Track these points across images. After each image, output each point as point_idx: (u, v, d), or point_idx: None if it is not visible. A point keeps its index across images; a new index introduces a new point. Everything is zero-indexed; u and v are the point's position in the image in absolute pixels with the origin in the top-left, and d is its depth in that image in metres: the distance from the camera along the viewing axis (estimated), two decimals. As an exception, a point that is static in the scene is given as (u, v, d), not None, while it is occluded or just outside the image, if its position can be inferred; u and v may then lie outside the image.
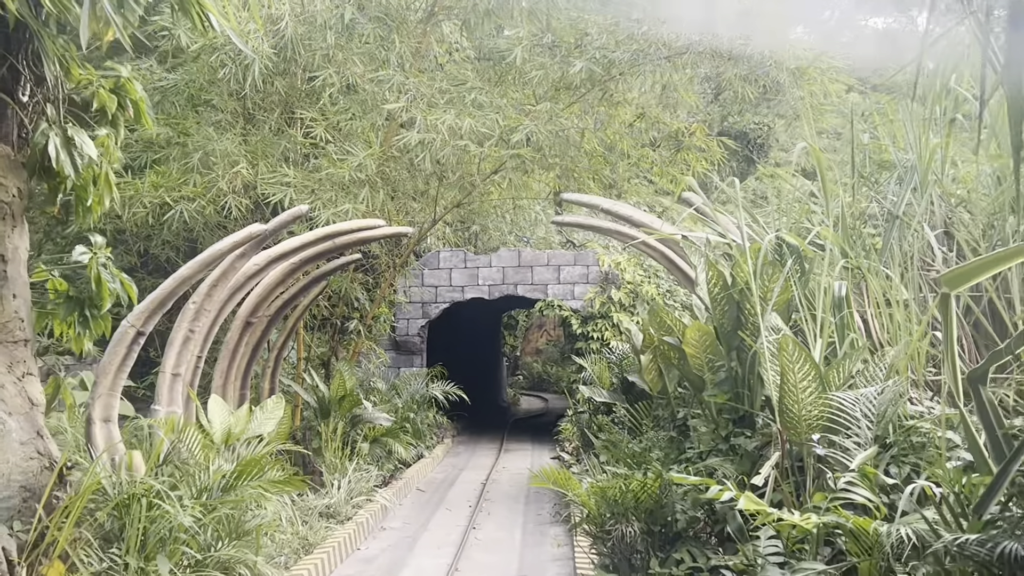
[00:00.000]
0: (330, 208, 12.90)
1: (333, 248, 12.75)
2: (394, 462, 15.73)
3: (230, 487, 7.31)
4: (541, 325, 44.68)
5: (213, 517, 7.16)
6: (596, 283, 22.06)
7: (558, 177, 16.09)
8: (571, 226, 13.09)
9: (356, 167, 13.17)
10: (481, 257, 22.80)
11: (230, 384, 13.03)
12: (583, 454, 14.65)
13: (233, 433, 10.48)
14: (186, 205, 13.24)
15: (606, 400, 14.64)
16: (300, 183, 13.16)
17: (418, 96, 13.44)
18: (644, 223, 11.08)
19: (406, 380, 19.61)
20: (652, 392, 9.81)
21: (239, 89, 13.81)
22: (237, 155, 13.44)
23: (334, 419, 14.63)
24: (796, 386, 6.87)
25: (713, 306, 8.09)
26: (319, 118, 13.78)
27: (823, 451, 6.49)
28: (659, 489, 7.96)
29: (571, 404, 19.81)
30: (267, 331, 13.86)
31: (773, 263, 7.56)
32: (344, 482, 13.00)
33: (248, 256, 11.25)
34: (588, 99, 14.99)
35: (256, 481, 7.43)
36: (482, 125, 13.04)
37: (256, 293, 12.80)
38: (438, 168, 15.67)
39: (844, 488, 5.84)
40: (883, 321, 8.44)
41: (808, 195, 13.43)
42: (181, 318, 10.91)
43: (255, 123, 14.64)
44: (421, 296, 22.43)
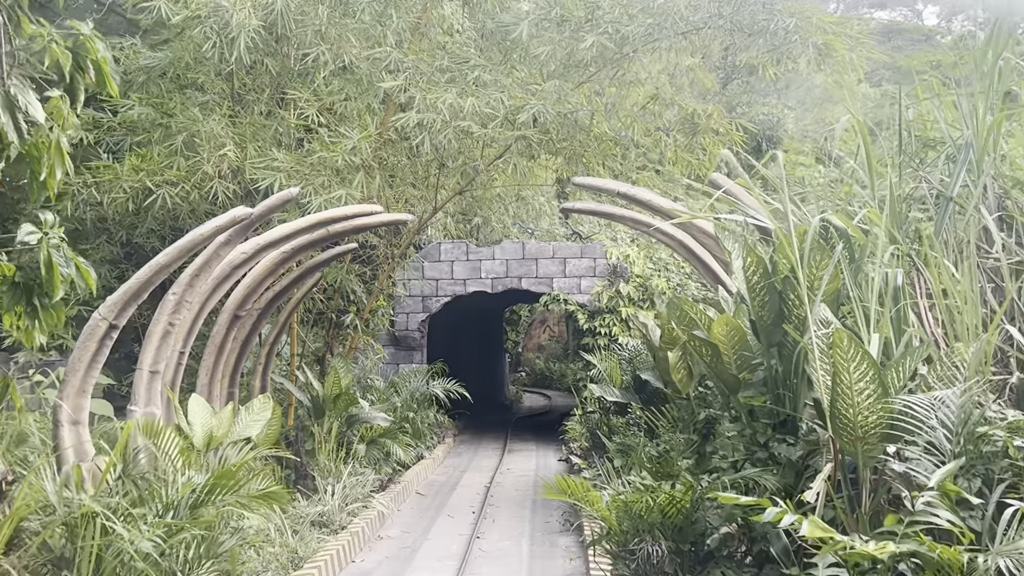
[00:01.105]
0: (323, 194, 12.00)
1: (327, 236, 11.87)
2: (392, 464, 14.84)
3: (202, 502, 6.40)
4: (544, 321, 43.83)
5: (180, 539, 6.21)
6: (604, 276, 21.16)
7: (565, 162, 15.19)
8: (582, 212, 12.25)
9: (350, 151, 12.26)
10: (484, 249, 21.89)
11: (216, 382, 12.15)
12: (594, 457, 13.77)
13: (215, 436, 9.59)
14: (169, 190, 12.37)
15: (618, 400, 13.76)
16: (291, 167, 12.26)
17: (416, 74, 12.53)
18: (665, 209, 10.19)
19: (405, 377, 18.70)
20: (682, 393, 8.93)
21: (226, 68, 12.91)
22: (224, 137, 12.54)
23: (329, 419, 13.74)
24: (851, 388, 5.98)
25: (751, 296, 7.18)
26: (311, 99, 12.85)
27: (902, 467, 5.59)
28: (690, 503, 7.08)
29: (578, 403, 18.93)
30: (257, 325, 12.98)
31: (821, 248, 6.66)
32: (339, 487, 12.10)
33: (234, 243, 10.36)
34: (599, 79, 14.08)
35: (233, 495, 6.51)
36: (485, 105, 12.14)
37: (244, 284, 11.91)
38: (438, 153, 14.80)
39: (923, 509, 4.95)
40: (938, 314, 7.55)
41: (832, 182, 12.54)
42: (160, 311, 10.02)
43: (244, 104, 13.74)
44: (421, 289, 21.52)
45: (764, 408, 7.40)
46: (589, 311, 20.90)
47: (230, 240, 10.25)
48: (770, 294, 7.06)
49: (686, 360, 8.30)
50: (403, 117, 12.10)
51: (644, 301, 20.53)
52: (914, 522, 4.99)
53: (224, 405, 12.18)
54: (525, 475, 16.77)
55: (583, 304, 21.06)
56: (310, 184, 12.05)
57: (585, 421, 15.72)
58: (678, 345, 8.30)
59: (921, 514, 4.99)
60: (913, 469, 5.58)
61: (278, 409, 11.77)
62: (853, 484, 6.40)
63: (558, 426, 21.16)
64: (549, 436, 21.88)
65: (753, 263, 7.06)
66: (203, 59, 13.00)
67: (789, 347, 7.12)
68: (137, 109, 12.95)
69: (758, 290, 7.11)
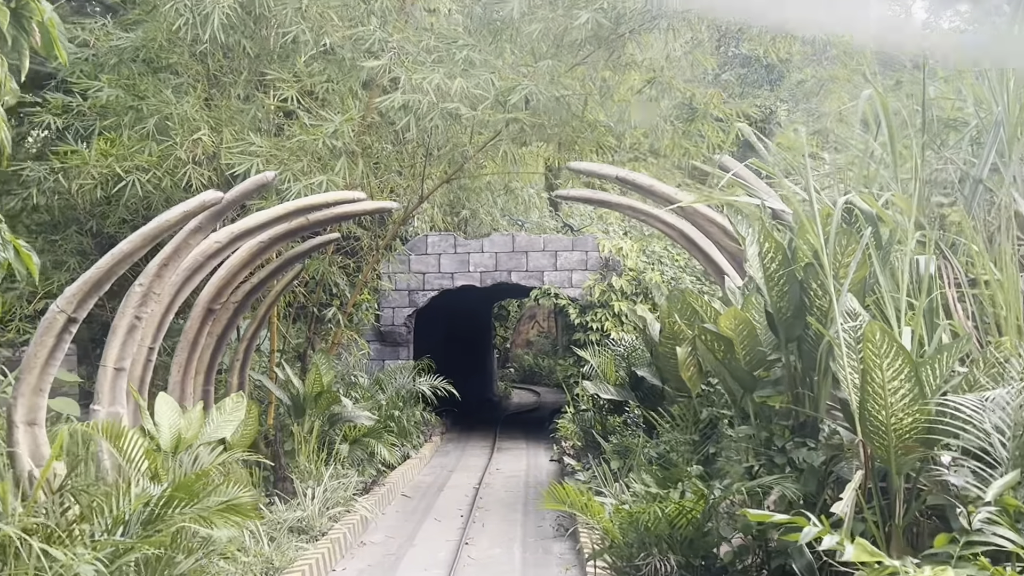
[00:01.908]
0: (303, 180, 11.30)
1: (308, 225, 11.20)
2: (376, 465, 14.18)
3: (157, 517, 5.72)
4: (532, 316, 43.17)
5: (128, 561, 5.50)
6: (596, 270, 20.50)
7: (557, 149, 14.56)
8: (576, 200, 11.63)
9: (332, 134, 11.57)
10: (472, 242, 21.20)
11: (190, 380, 11.46)
12: (588, 458, 13.11)
13: (184, 438, 8.91)
14: (139, 176, 11.65)
15: (613, 397, 13.11)
16: (268, 153, 11.58)
17: (402, 54, 11.85)
18: (667, 195, 9.54)
19: (391, 374, 18.02)
20: (687, 391, 8.26)
21: (201, 48, 12.26)
22: (198, 121, 11.84)
23: (310, 418, 13.08)
24: (884, 387, 5.35)
25: (768, 286, 6.53)
26: (291, 80, 12.15)
27: (960, 480, 4.96)
28: (701, 513, 6.45)
29: (569, 400, 18.29)
30: (234, 320, 12.30)
31: (847, 232, 6.01)
32: (319, 490, 11.44)
33: (205, 231, 9.67)
34: (593, 61, 13.41)
35: (193, 507, 5.84)
36: (475, 86, 11.46)
37: (219, 276, 11.23)
38: (425, 139, 14.15)
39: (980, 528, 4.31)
40: (968, 306, 6.93)
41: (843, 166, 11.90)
42: (125, 303, 9.33)
43: (221, 87, 13.04)
44: (407, 283, 20.81)
45: (781, 408, 6.76)
46: (580, 305, 20.24)
47: (201, 227, 9.56)
48: (790, 283, 6.42)
49: (696, 356, 7.66)
50: (387, 98, 11.42)
51: (637, 295, 19.89)
52: (971, 542, 4.35)
53: (199, 404, 11.53)
54: (515, 475, 16.13)
55: (574, 298, 20.40)
56: (289, 170, 11.37)
57: (578, 420, 15.06)
58: (687, 340, 7.66)
59: (978, 533, 4.35)
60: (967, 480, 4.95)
61: (254, 408, 11.12)
62: (883, 494, 5.77)
63: (548, 423, 20.56)
64: (539, 434, 21.24)
65: (771, 249, 6.40)
66: (177, 40, 12.32)
67: (810, 342, 6.47)
68: (107, 91, 12.22)
69: (776, 279, 6.46)
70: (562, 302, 20.41)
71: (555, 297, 20.47)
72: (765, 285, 6.59)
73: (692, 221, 9.99)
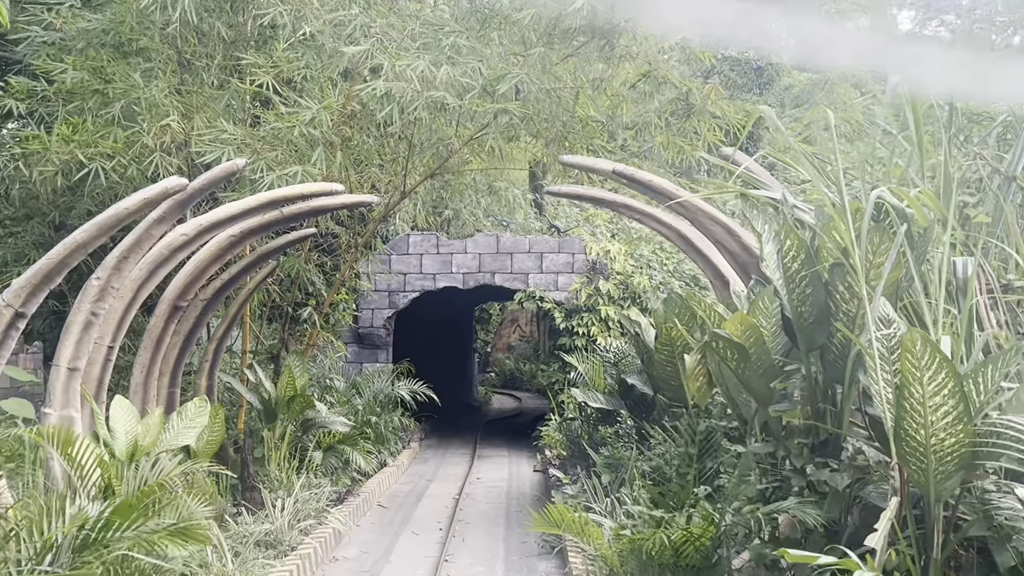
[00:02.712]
0: (276, 171, 10.60)
1: (282, 219, 10.54)
2: (351, 473, 13.48)
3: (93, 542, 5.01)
4: (514, 320, 42.47)
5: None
6: (582, 273, 19.84)
7: (546, 145, 13.88)
8: (567, 197, 11.00)
9: (308, 122, 10.89)
10: (455, 242, 20.51)
11: (153, 381, 10.76)
12: (576, 470, 12.46)
13: (141, 445, 8.20)
14: (103, 163, 10.91)
15: (602, 406, 12.46)
16: (241, 141, 10.87)
17: (385, 40, 11.18)
18: (668, 191, 8.92)
19: (368, 378, 17.30)
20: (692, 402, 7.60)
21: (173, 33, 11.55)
22: (167, 107, 11.13)
23: (281, 423, 12.38)
24: (924, 403, 4.72)
25: (788, 289, 5.87)
26: (266, 65, 11.44)
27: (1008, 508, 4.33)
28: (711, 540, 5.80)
29: (554, 407, 17.65)
30: (203, 318, 11.62)
31: (881, 230, 5.37)
32: (289, 501, 10.74)
33: (168, 221, 8.99)
34: (586, 52, 12.77)
35: (138, 530, 5.13)
36: (462, 74, 10.80)
37: (186, 271, 10.54)
38: (408, 131, 13.49)
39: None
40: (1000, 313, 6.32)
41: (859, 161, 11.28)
42: (81, 298, 8.65)
43: (193, 72, 12.33)
44: (387, 284, 20.10)
45: (799, 425, 6.10)
46: (566, 309, 19.57)
47: (165, 217, 8.88)
48: (813, 285, 5.76)
49: (705, 365, 7.02)
50: (369, 86, 10.73)
51: (625, 299, 19.26)
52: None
53: (163, 406, 10.83)
54: (497, 485, 15.45)
55: (560, 302, 19.73)
56: (262, 159, 10.65)
57: (564, 429, 14.38)
58: (697, 348, 7.01)
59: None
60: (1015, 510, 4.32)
61: (221, 412, 10.41)
62: (918, 522, 5.14)
63: (530, 430, 19.90)
64: (521, 441, 20.54)
65: (793, 247, 5.74)
66: (148, 22, 11.63)
67: (835, 351, 5.82)
68: (71, 74, 11.49)
69: (798, 280, 5.80)
70: (547, 306, 19.75)
71: (540, 300, 19.80)
72: (785, 287, 5.94)
73: (693, 220, 9.36)
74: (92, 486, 7.48)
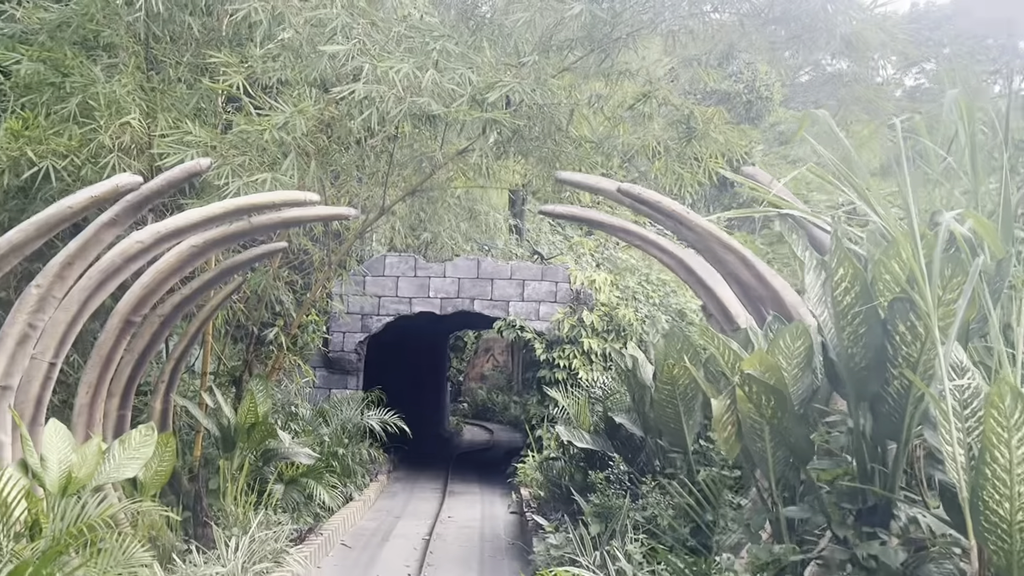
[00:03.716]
0: (243, 177, 9.67)
1: (250, 230, 9.63)
2: (314, 509, 12.48)
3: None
4: (488, 349, 41.57)
5: None
6: (565, 303, 18.97)
7: (536, 165, 13.08)
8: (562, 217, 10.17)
9: (281, 126, 9.99)
10: (434, 265, 19.60)
11: (100, 402, 9.77)
12: (558, 514, 11.52)
13: (76, 477, 7.23)
14: (55, 162, 9.96)
15: (588, 446, 11.56)
16: (207, 143, 9.96)
17: (368, 41, 10.31)
18: (678, 213, 8.09)
19: (337, 405, 16.29)
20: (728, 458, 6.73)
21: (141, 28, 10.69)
22: (129, 104, 10.22)
23: (240, 453, 11.40)
24: (1011, 471, 3.89)
25: (838, 326, 5.02)
26: (236, 64, 10.54)
27: None
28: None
29: (531, 442, 16.72)
30: (159, 335, 10.66)
31: (954, 260, 4.53)
32: (245, 540, 9.74)
33: (121, 225, 8.08)
34: (583, 67, 11.97)
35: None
36: (449, 80, 9.94)
37: (142, 283, 9.56)
38: (389, 145, 12.63)
39: None
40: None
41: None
42: (17, 308, 7.73)
43: (160, 70, 11.44)
44: (361, 306, 19.14)
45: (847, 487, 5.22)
46: (547, 340, 18.67)
47: (117, 220, 7.98)
48: (868, 324, 4.90)
49: (735, 413, 6.13)
50: (347, 89, 9.85)
51: (609, 332, 18.40)
52: None
53: (112, 430, 9.88)
54: (469, 526, 14.47)
55: (541, 332, 18.83)
56: (228, 164, 9.73)
57: (545, 468, 13.42)
58: (724, 392, 6.14)
59: None
60: None
61: (172, 441, 9.43)
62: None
63: (504, 465, 18.96)
64: (494, 476, 19.56)
65: (847, 277, 4.88)
66: (114, 15, 10.75)
67: (890, 401, 4.96)
68: (26, 64, 10.56)
69: (850, 317, 4.94)
70: (528, 336, 18.84)
71: (520, 330, 18.89)
72: (834, 324, 5.08)
73: (704, 248, 8.53)
74: (16, 524, 6.54)
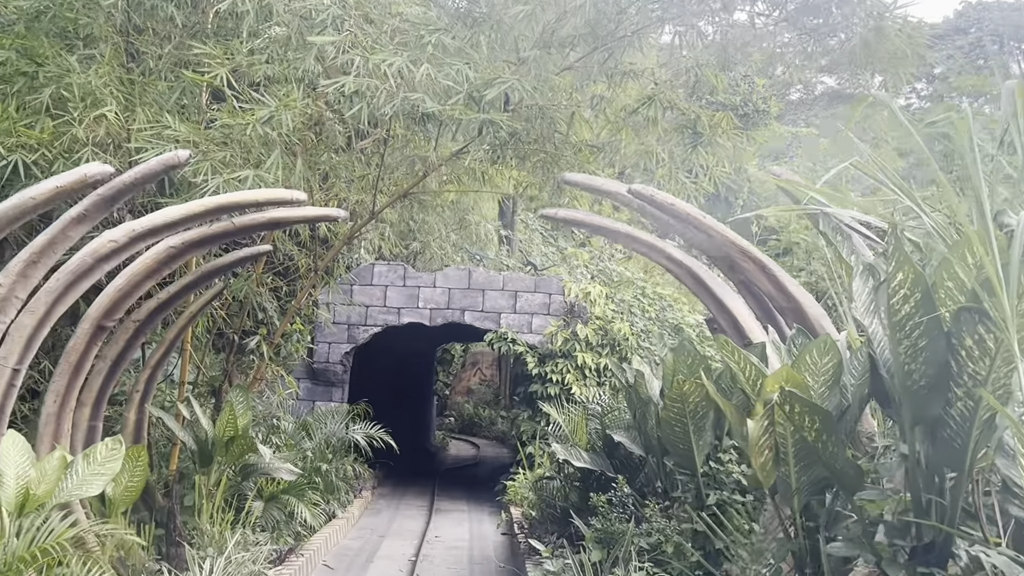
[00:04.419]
0: (224, 174, 9.07)
1: (232, 231, 9.04)
2: (295, 527, 11.84)
3: None
4: (475, 363, 40.96)
5: None
6: (559, 315, 18.38)
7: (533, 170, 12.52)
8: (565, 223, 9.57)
9: (265, 121, 9.40)
10: (424, 275, 18.98)
11: (68, 412, 9.12)
12: (552, 537, 10.92)
13: (33, 495, 6.60)
14: (24, 156, 9.35)
15: (587, 466, 10.97)
16: (186, 138, 9.37)
17: (360, 34, 9.75)
18: (693, 217, 7.53)
19: (321, 418, 15.62)
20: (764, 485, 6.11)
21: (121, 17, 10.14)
22: (104, 95, 9.62)
23: (218, 468, 10.76)
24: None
25: (894, 339, 4.43)
26: (221, 56, 9.95)
27: None
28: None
29: (522, 458, 16.13)
30: (134, 342, 10.02)
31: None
32: (220, 561, 9.11)
33: (91, 221, 7.48)
34: (586, 66, 11.42)
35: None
36: (444, 76, 9.38)
37: (116, 286, 8.94)
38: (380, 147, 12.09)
39: None
40: None
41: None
42: (-25, 309, 7.08)
43: (141, 62, 10.87)
44: (348, 316, 18.50)
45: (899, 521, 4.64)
46: (540, 354, 18.06)
47: (86, 216, 7.38)
48: (929, 336, 4.33)
49: (773, 436, 5.53)
50: (336, 82, 9.27)
51: (604, 347, 17.82)
52: None
53: (84, 442, 9.24)
54: (458, 546, 13.82)
55: (533, 345, 18.22)
56: (208, 160, 9.13)
57: (538, 488, 12.81)
58: (762, 412, 5.54)
59: None
60: None
61: (143, 455, 8.80)
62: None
63: (492, 482, 18.46)
64: (482, 493, 18.94)
65: (907, 283, 4.30)
66: (93, 2, 10.17)
67: (953, 424, 4.38)
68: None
69: (909, 329, 4.37)
70: (520, 349, 18.22)
71: (512, 343, 18.28)
72: (890, 336, 4.50)
73: (720, 255, 7.97)
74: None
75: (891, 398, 4.70)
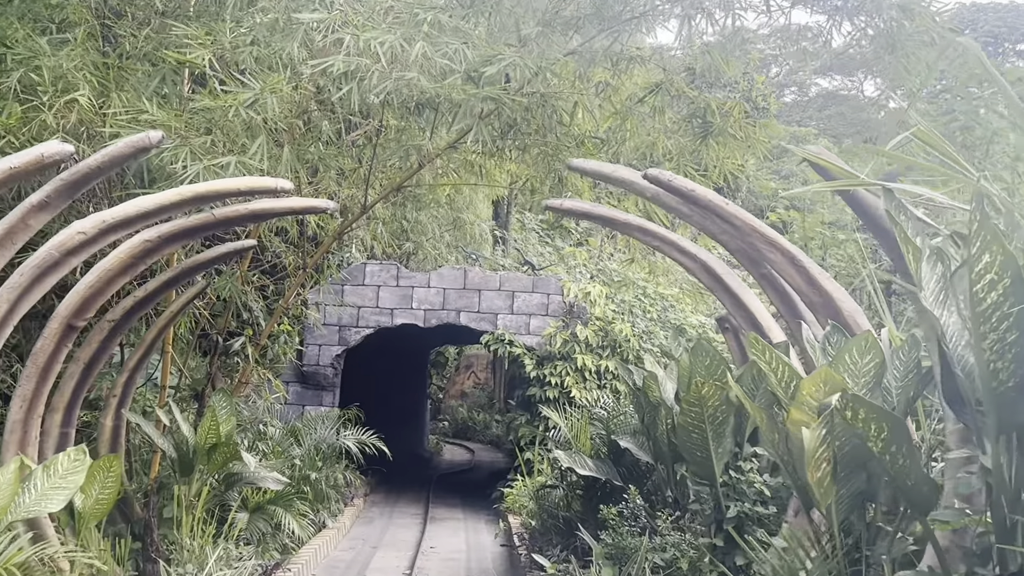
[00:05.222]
0: (204, 160, 8.40)
1: (214, 223, 8.42)
2: (283, 540, 11.18)
3: None
4: (469, 366, 40.31)
5: None
6: (558, 316, 17.75)
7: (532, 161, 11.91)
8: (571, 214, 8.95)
9: (249, 104, 8.75)
10: (418, 275, 18.33)
11: (35, 418, 8.44)
12: (555, 549, 10.29)
13: (-13, 511, 5.95)
14: (-12, 142, 8.72)
15: (592, 473, 10.33)
16: (163, 123, 8.71)
17: (352, 12, 9.11)
18: (715, 205, 6.91)
19: (310, 424, 14.93)
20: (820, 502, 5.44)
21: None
22: (77, 79, 8.98)
23: (199, 478, 10.11)
24: None
25: (976, 332, 3.80)
26: (203, 37, 9.29)
27: None
28: None
29: (520, 464, 15.48)
30: (109, 343, 9.38)
31: None
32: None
33: (53, 208, 6.85)
34: (590, 50, 10.79)
35: None
36: (441, 54, 8.72)
37: (86, 282, 8.29)
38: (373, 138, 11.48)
39: None
40: None
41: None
42: (-75, 306, 6.42)
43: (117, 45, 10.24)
44: (339, 317, 17.84)
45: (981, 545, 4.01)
46: (538, 356, 17.42)
47: (48, 203, 6.75)
48: (1019, 329, 3.69)
49: (832, 447, 4.85)
50: (324, 62, 8.61)
51: (604, 348, 17.20)
52: None
53: (55, 450, 8.57)
54: (454, 558, 13.15)
55: (531, 347, 17.58)
56: (187, 145, 8.47)
57: (539, 497, 12.15)
58: (820, 420, 4.88)
59: None
60: None
61: (116, 464, 8.17)
62: None
63: (488, 488, 17.89)
64: (478, 500, 18.28)
65: (994, 267, 3.65)
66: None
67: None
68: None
69: (996, 321, 3.73)
70: (517, 351, 17.57)
71: (510, 345, 17.63)
72: (972, 330, 3.86)
73: (742, 246, 7.35)
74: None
75: (967, 402, 4.07)
